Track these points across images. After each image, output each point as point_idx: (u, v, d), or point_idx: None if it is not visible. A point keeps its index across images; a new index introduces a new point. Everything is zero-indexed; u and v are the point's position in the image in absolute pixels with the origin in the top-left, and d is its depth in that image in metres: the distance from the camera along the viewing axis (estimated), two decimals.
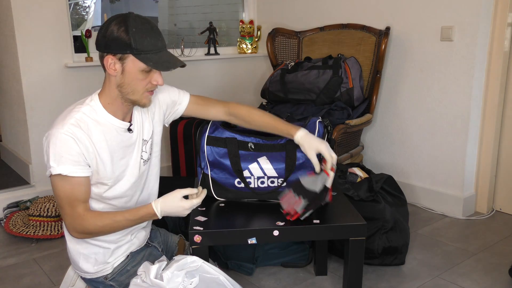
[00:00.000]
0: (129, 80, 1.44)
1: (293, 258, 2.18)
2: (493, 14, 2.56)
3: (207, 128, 1.74)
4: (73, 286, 1.73)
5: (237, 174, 1.69)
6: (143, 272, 1.40)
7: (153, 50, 1.42)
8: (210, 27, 3.54)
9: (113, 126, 1.50)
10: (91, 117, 1.47)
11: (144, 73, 1.43)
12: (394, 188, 2.26)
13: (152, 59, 1.42)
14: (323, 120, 1.73)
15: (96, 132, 1.46)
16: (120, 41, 1.38)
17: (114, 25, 1.39)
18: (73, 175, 1.41)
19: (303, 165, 1.67)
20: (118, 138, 1.51)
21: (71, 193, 1.43)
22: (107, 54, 1.41)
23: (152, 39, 1.42)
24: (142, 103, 1.50)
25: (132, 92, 1.46)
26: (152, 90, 1.50)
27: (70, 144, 1.40)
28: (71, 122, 1.43)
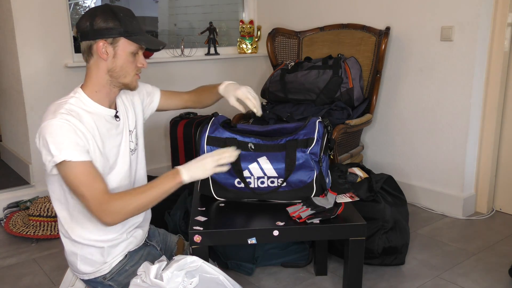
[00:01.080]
0: (120, 62, 1.50)
1: (293, 258, 2.18)
2: (493, 14, 2.56)
3: (207, 128, 1.74)
4: (72, 286, 1.73)
5: (237, 174, 1.69)
6: (143, 272, 1.40)
7: (140, 32, 1.51)
8: (210, 27, 3.54)
9: (101, 114, 1.53)
10: (79, 107, 1.49)
11: (132, 55, 1.51)
12: (394, 188, 2.26)
13: (143, 39, 1.50)
14: (323, 120, 1.73)
15: (87, 120, 1.48)
16: (111, 27, 1.46)
17: (99, 14, 1.47)
18: (77, 160, 1.40)
19: (303, 165, 1.67)
20: (107, 126, 1.55)
21: (86, 177, 1.42)
22: (99, 39, 1.46)
23: (137, 23, 1.52)
24: (133, 86, 1.57)
25: (124, 75, 1.52)
26: (139, 73, 1.57)
27: (66, 130, 1.41)
28: (62, 112, 1.44)
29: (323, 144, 1.68)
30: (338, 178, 2.19)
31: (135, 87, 1.58)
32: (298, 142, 1.66)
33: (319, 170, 1.68)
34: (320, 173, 1.68)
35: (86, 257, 1.59)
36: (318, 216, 1.57)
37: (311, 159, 1.66)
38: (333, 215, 1.59)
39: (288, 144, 1.67)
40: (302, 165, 1.67)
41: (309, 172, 1.67)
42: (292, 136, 1.68)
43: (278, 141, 1.69)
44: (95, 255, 1.59)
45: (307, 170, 1.67)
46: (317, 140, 1.66)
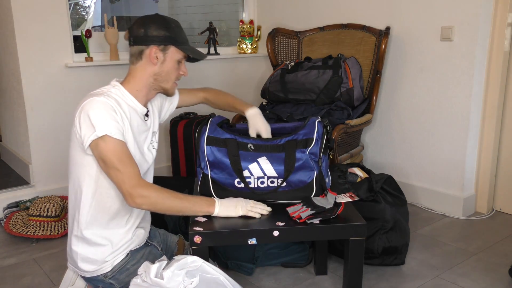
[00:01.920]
0: (167, 69, 1.62)
1: (293, 258, 2.18)
2: (493, 14, 2.56)
3: (206, 129, 1.74)
4: (72, 285, 1.73)
5: (237, 173, 1.69)
6: (143, 272, 1.40)
7: (187, 42, 1.65)
8: (210, 27, 3.54)
9: (136, 109, 1.63)
10: (119, 96, 1.59)
11: (177, 63, 1.64)
12: (394, 188, 2.26)
13: (190, 49, 1.64)
14: (322, 120, 1.73)
15: (124, 109, 1.58)
16: (164, 35, 1.58)
17: (153, 23, 1.59)
18: (117, 137, 1.49)
19: (302, 166, 1.67)
20: (139, 121, 1.65)
21: (123, 155, 1.49)
22: (152, 45, 1.58)
23: (185, 35, 1.66)
24: (171, 92, 1.70)
25: (166, 80, 1.65)
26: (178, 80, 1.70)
27: (109, 108, 1.51)
28: (104, 95, 1.53)
29: (323, 144, 1.68)
30: (338, 178, 2.19)
31: (172, 93, 1.72)
32: (298, 142, 1.66)
33: (318, 170, 1.68)
34: (320, 173, 1.68)
35: (88, 256, 1.61)
36: (318, 216, 1.57)
37: (310, 159, 1.66)
38: (333, 215, 1.59)
39: (287, 144, 1.67)
40: (302, 165, 1.67)
41: (309, 172, 1.67)
42: (292, 136, 1.68)
43: (278, 141, 1.69)
44: (97, 254, 1.60)
45: (307, 170, 1.67)
46: (316, 140, 1.66)
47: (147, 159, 1.70)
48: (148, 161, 1.71)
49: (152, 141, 1.75)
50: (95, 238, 1.60)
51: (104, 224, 1.61)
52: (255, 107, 1.85)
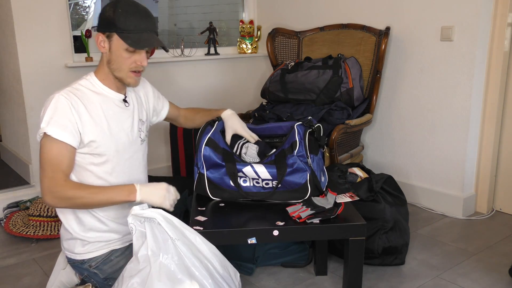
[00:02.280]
0: (115, 57, 1.56)
1: (293, 258, 2.18)
2: (493, 14, 2.56)
3: (210, 130, 1.75)
4: (64, 269, 1.79)
5: (231, 177, 1.70)
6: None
7: (134, 30, 1.53)
8: (210, 27, 3.54)
9: (108, 96, 1.62)
10: (88, 88, 1.59)
11: (128, 52, 1.54)
12: (394, 188, 2.26)
13: (132, 38, 1.52)
14: (305, 121, 1.76)
15: (92, 100, 1.57)
16: (108, 21, 1.52)
17: (108, 6, 1.53)
18: (58, 139, 1.49)
19: (295, 169, 1.68)
20: (115, 109, 1.62)
21: (56, 157, 1.50)
22: (99, 32, 1.55)
23: (136, 20, 1.52)
24: (127, 82, 1.61)
25: (118, 69, 1.58)
26: (136, 70, 1.60)
27: (63, 108, 1.50)
28: (68, 89, 1.56)
29: (306, 144, 1.69)
30: (338, 178, 2.19)
31: (129, 83, 1.62)
32: (286, 151, 1.69)
33: (311, 171, 1.69)
34: (312, 173, 1.69)
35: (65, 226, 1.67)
36: (318, 216, 1.57)
37: (300, 161, 1.68)
38: (333, 215, 1.59)
39: (276, 158, 1.70)
40: (294, 168, 1.68)
41: (302, 173, 1.68)
42: (279, 149, 1.72)
43: (269, 159, 1.73)
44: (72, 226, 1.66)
45: (300, 172, 1.68)
46: (299, 141, 1.68)
47: (137, 149, 1.70)
48: (139, 150, 1.71)
49: (139, 129, 1.71)
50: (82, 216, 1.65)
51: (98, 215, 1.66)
52: (230, 109, 1.87)
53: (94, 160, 1.59)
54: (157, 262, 1.35)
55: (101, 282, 1.69)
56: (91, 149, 1.57)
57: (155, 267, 1.34)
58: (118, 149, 1.62)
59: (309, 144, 1.70)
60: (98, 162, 1.59)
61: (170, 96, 3.34)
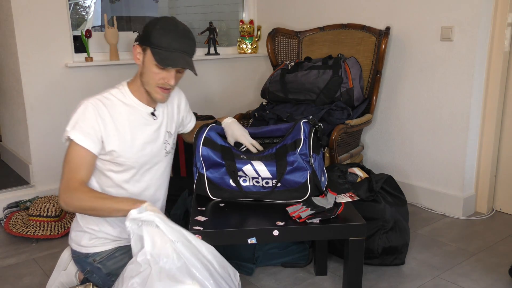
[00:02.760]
0: (146, 71, 1.60)
1: (293, 258, 2.18)
2: (493, 14, 2.56)
3: (205, 130, 1.76)
4: (65, 270, 1.81)
5: (231, 175, 1.70)
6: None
7: (166, 48, 1.55)
8: (210, 27, 3.54)
9: (137, 108, 1.66)
10: (118, 98, 1.63)
11: (158, 68, 1.57)
12: (394, 188, 2.26)
13: (161, 55, 1.55)
14: (309, 120, 1.75)
15: (119, 110, 1.61)
16: (147, 35, 1.57)
17: (152, 21, 1.59)
18: (80, 143, 1.53)
19: (295, 167, 1.68)
20: (141, 120, 1.66)
21: (75, 162, 1.54)
22: (137, 44, 1.60)
23: (170, 39, 1.55)
24: (154, 97, 1.64)
25: (147, 83, 1.62)
26: (163, 87, 1.62)
27: (89, 116, 1.55)
28: (97, 98, 1.60)
29: (311, 143, 1.69)
30: (338, 178, 2.19)
31: (156, 98, 1.65)
32: (288, 147, 1.69)
33: (311, 170, 1.68)
34: (313, 173, 1.69)
35: (91, 233, 1.71)
36: (318, 216, 1.57)
37: (302, 159, 1.67)
38: (333, 215, 1.59)
39: (277, 151, 1.69)
40: (295, 167, 1.68)
41: (302, 172, 1.68)
42: (281, 143, 1.71)
43: (269, 151, 1.72)
44: (99, 234, 1.71)
45: (300, 171, 1.68)
46: (304, 140, 1.67)
47: (161, 160, 1.74)
48: (162, 161, 1.75)
49: (165, 141, 1.75)
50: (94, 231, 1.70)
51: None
52: (230, 117, 1.88)
53: (113, 167, 1.63)
54: (158, 266, 1.35)
55: (104, 277, 1.71)
56: (112, 157, 1.61)
57: (156, 269, 1.34)
58: (139, 161, 1.66)
59: (312, 143, 1.70)
60: (117, 170, 1.64)
61: None
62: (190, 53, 1.61)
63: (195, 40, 1.65)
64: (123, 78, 1.73)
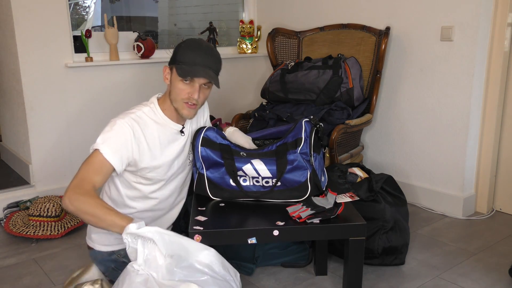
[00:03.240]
0: (172, 88, 1.68)
1: (293, 258, 2.18)
2: (493, 14, 2.56)
3: (202, 131, 1.76)
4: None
5: (231, 175, 1.70)
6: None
7: (189, 63, 1.63)
8: (210, 27, 3.54)
9: (168, 126, 1.73)
10: (150, 116, 1.70)
11: (183, 83, 1.65)
12: (394, 188, 2.26)
13: (183, 68, 1.64)
14: (311, 119, 1.75)
15: (151, 129, 1.67)
16: (173, 55, 1.68)
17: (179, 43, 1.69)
18: (106, 157, 1.56)
19: (296, 166, 1.68)
20: (170, 137, 1.73)
21: (95, 168, 1.56)
22: (167, 64, 1.70)
23: (193, 55, 1.63)
24: (181, 113, 1.70)
25: (174, 99, 1.69)
26: (189, 102, 1.67)
27: (125, 136, 1.60)
28: (131, 116, 1.66)
29: (312, 142, 1.69)
30: (338, 178, 2.19)
31: (183, 114, 1.70)
32: (288, 145, 1.69)
33: (312, 169, 1.68)
34: (313, 172, 1.69)
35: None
36: (318, 216, 1.57)
37: (302, 158, 1.67)
38: (333, 215, 1.59)
39: (278, 149, 1.69)
40: (295, 166, 1.68)
41: (303, 171, 1.68)
42: (282, 141, 1.71)
43: (269, 148, 1.72)
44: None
45: (300, 170, 1.68)
46: (305, 139, 1.67)
47: (185, 172, 1.85)
48: (185, 172, 1.85)
49: (189, 152, 1.83)
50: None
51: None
52: (232, 126, 1.94)
53: (143, 181, 1.73)
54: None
55: None
56: (143, 173, 1.69)
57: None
58: (168, 174, 1.76)
59: (313, 142, 1.70)
60: (146, 183, 1.73)
61: None
62: (214, 68, 1.68)
63: (220, 57, 1.72)
64: (123, 78, 1.75)
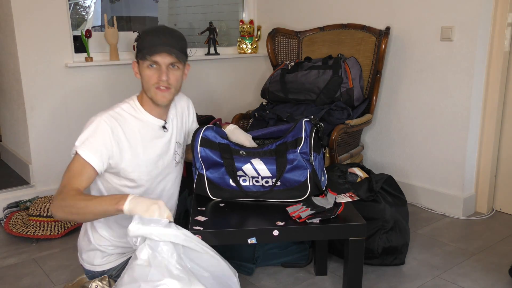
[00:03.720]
0: (143, 79, 1.63)
1: (293, 258, 2.18)
2: (493, 14, 2.56)
3: (201, 131, 1.75)
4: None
5: (231, 175, 1.70)
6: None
7: (149, 45, 1.58)
8: (210, 27, 3.54)
9: (148, 122, 1.67)
10: (129, 112, 1.65)
11: (150, 69, 1.60)
12: (394, 188, 2.26)
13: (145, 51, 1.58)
14: (311, 119, 1.75)
15: (131, 126, 1.62)
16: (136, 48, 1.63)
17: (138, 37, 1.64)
18: (86, 159, 1.51)
19: (295, 166, 1.68)
20: (152, 134, 1.67)
21: (76, 172, 1.52)
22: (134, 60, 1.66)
23: (151, 38, 1.58)
24: (155, 100, 1.64)
25: (147, 89, 1.63)
26: (160, 87, 1.62)
27: (102, 134, 1.54)
28: (110, 113, 1.60)
29: (312, 142, 1.69)
30: (338, 178, 2.19)
31: (157, 101, 1.65)
32: (288, 144, 1.68)
33: (311, 169, 1.68)
34: (313, 172, 1.69)
35: (102, 250, 1.72)
36: (318, 216, 1.57)
37: (302, 158, 1.67)
38: (333, 215, 1.59)
39: (277, 148, 1.69)
40: (295, 165, 1.68)
41: (302, 171, 1.68)
42: (282, 140, 1.71)
43: (269, 147, 1.71)
44: (108, 250, 1.72)
45: (300, 170, 1.68)
46: (305, 139, 1.67)
47: (172, 170, 1.77)
48: (173, 171, 1.78)
49: (175, 152, 1.77)
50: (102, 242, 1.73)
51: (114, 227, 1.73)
52: (232, 124, 1.89)
53: (128, 183, 1.66)
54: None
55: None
56: (126, 173, 1.63)
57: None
58: (152, 174, 1.69)
59: (313, 142, 1.70)
60: (132, 185, 1.66)
61: None
62: (177, 46, 1.60)
63: (183, 36, 1.66)
64: (123, 78, 1.74)
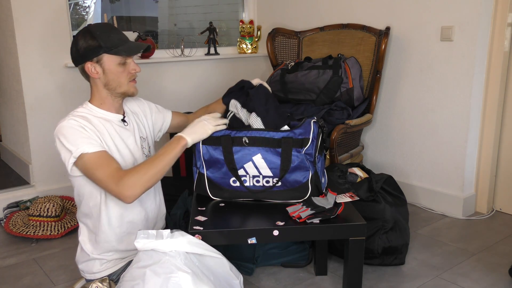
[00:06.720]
0: (111, 76, 1.62)
1: (293, 258, 2.18)
2: (493, 14, 2.56)
3: None
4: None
5: (232, 172, 1.70)
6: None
7: (119, 43, 1.61)
8: (210, 27, 3.54)
9: (108, 118, 1.67)
10: (88, 113, 1.65)
11: (121, 65, 1.62)
12: (394, 188, 2.26)
13: (123, 49, 1.60)
14: (318, 121, 1.74)
15: (95, 122, 1.62)
16: (92, 47, 1.57)
17: (80, 38, 1.59)
18: (92, 151, 1.52)
19: (298, 166, 1.67)
20: (116, 128, 1.67)
21: (100, 162, 1.52)
22: (86, 62, 1.60)
23: (116, 35, 1.61)
24: (130, 92, 1.68)
25: (118, 85, 1.64)
26: (134, 78, 1.67)
27: (77, 128, 1.55)
28: (72, 117, 1.59)
29: (318, 145, 1.68)
30: (338, 178, 2.19)
31: (133, 93, 1.69)
32: (293, 141, 1.66)
33: (314, 170, 1.68)
34: (315, 173, 1.68)
35: (100, 258, 1.71)
36: (318, 216, 1.57)
37: (306, 159, 1.67)
38: (333, 215, 1.59)
39: (283, 140, 1.66)
40: (298, 165, 1.67)
41: (304, 172, 1.67)
42: (287, 133, 1.67)
43: (273, 134, 1.67)
44: (106, 259, 1.71)
45: (302, 171, 1.67)
46: (312, 140, 1.66)
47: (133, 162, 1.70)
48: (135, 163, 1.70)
49: (142, 146, 1.75)
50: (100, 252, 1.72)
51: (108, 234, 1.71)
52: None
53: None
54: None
55: None
56: None
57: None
58: (126, 167, 1.65)
59: (319, 145, 1.70)
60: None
61: (170, 96, 3.33)
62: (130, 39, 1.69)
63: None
64: None
